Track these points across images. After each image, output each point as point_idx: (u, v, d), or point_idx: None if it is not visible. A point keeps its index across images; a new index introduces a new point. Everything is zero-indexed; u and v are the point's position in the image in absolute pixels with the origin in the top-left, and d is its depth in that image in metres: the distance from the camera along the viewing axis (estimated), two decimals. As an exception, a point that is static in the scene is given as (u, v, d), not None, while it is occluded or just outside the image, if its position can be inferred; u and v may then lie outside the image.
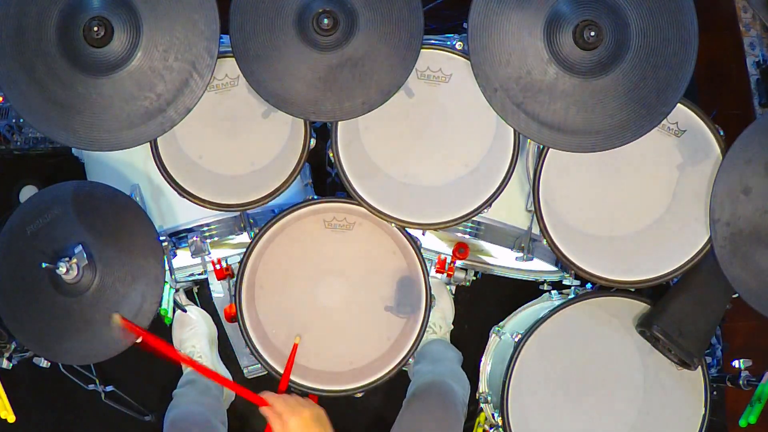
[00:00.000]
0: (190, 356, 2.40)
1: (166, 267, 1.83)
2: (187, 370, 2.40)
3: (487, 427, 2.23)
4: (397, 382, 2.32)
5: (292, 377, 1.94)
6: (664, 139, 1.89)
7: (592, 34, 1.63)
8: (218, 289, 2.39)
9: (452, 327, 2.50)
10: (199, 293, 2.52)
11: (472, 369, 2.26)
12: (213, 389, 2.34)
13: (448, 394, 2.05)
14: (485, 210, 1.89)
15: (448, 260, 2.13)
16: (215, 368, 2.44)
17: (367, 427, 2.58)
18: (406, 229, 1.93)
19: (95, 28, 1.60)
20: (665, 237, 1.93)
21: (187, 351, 2.41)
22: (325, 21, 1.67)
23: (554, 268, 2.11)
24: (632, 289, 1.96)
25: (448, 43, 1.85)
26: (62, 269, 1.68)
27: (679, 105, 1.79)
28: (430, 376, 2.14)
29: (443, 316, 2.47)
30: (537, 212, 1.87)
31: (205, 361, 2.41)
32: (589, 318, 2.00)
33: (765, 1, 2.38)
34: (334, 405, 1.92)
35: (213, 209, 1.90)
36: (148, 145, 1.82)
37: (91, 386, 2.36)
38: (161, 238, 1.82)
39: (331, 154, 1.87)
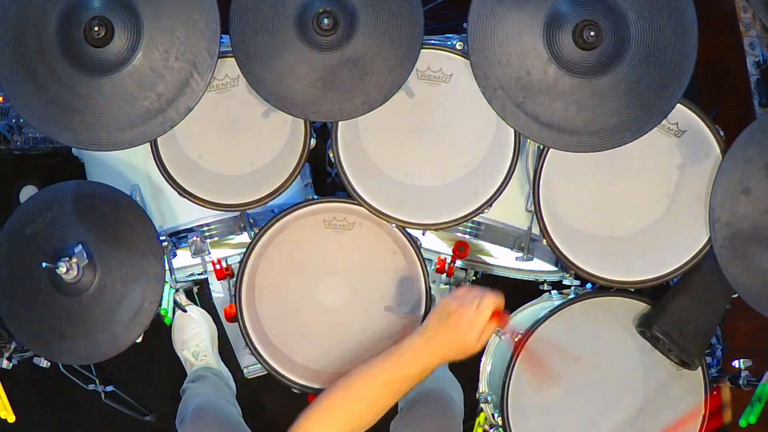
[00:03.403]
0: (195, 356, 2.40)
1: (166, 267, 1.83)
2: (194, 367, 2.40)
3: (487, 427, 2.22)
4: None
5: (291, 377, 1.94)
6: (664, 139, 1.89)
7: (592, 34, 1.63)
8: (218, 289, 2.39)
9: None
10: (199, 293, 2.52)
11: (472, 369, 2.26)
12: (223, 385, 2.35)
13: (448, 402, 2.05)
14: (485, 210, 1.89)
15: (448, 260, 2.13)
16: (218, 367, 2.44)
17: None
18: (406, 229, 1.93)
19: (96, 28, 1.60)
20: (665, 237, 1.93)
21: (192, 351, 2.41)
22: (325, 21, 1.67)
23: (554, 268, 2.11)
24: (632, 289, 1.96)
25: (448, 43, 1.85)
26: (62, 269, 1.68)
27: (679, 105, 1.79)
28: (427, 381, 2.14)
29: None
30: (537, 212, 1.87)
31: (210, 361, 2.41)
32: (589, 318, 2.00)
33: (765, 1, 2.38)
34: (334, 405, 1.93)
35: (213, 209, 1.90)
36: (148, 145, 1.82)
37: (91, 386, 2.36)
38: (161, 238, 1.82)
39: (331, 154, 1.87)
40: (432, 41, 1.86)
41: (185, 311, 2.17)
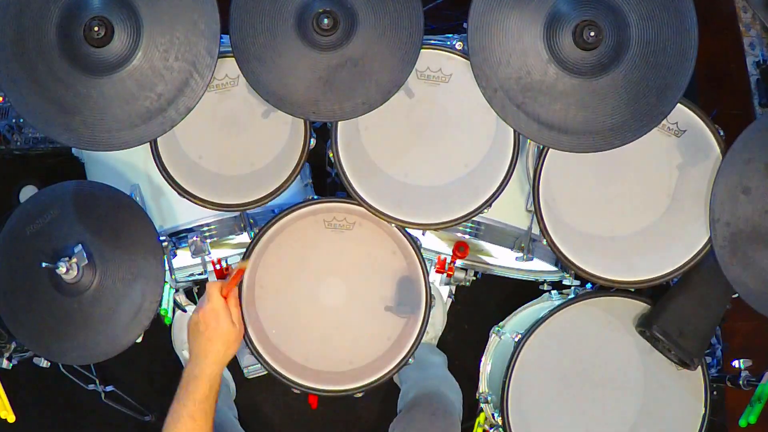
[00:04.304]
0: None
1: (166, 267, 1.83)
2: None
3: (487, 427, 2.22)
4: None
5: (291, 377, 1.94)
6: (664, 139, 1.89)
7: (592, 34, 1.63)
8: (218, 289, 2.38)
9: (439, 334, 2.50)
10: (199, 293, 2.51)
11: (472, 369, 2.26)
12: (223, 386, 2.35)
13: (446, 405, 2.06)
14: (485, 210, 1.89)
15: (448, 260, 2.13)
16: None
17: (367, 427, 2.58)
18: (406, 229, 1.93)
19: (96, 28, 1.60)
20: (665, 237, 1.93)
21: None
22: (325, 21, 1.67)
23: (554, 268, 2.11)
24: (632, 289, 1.96)
25: (448, 43, 1.85)
26: (62, 269, 1.68)
27: (679, 105, 1.79)
28: (426, 383, 2.14)
29: (432, 322, 2.46)
30: (537, 212, 1.87)
31: None
32: (589, 318, 2.00)
33: (765, 1, 2.38)
34: (334, 405, 1.93)
35: (213, 209, 1.90)
36: (148, 145, 1.82)
37: (91, 386, 2.36)
38: (161, 238, 1.82)
39: (331, 154, 1.87)
40: (432, 41, 1.86)
41: (185, 311, 2.17)
